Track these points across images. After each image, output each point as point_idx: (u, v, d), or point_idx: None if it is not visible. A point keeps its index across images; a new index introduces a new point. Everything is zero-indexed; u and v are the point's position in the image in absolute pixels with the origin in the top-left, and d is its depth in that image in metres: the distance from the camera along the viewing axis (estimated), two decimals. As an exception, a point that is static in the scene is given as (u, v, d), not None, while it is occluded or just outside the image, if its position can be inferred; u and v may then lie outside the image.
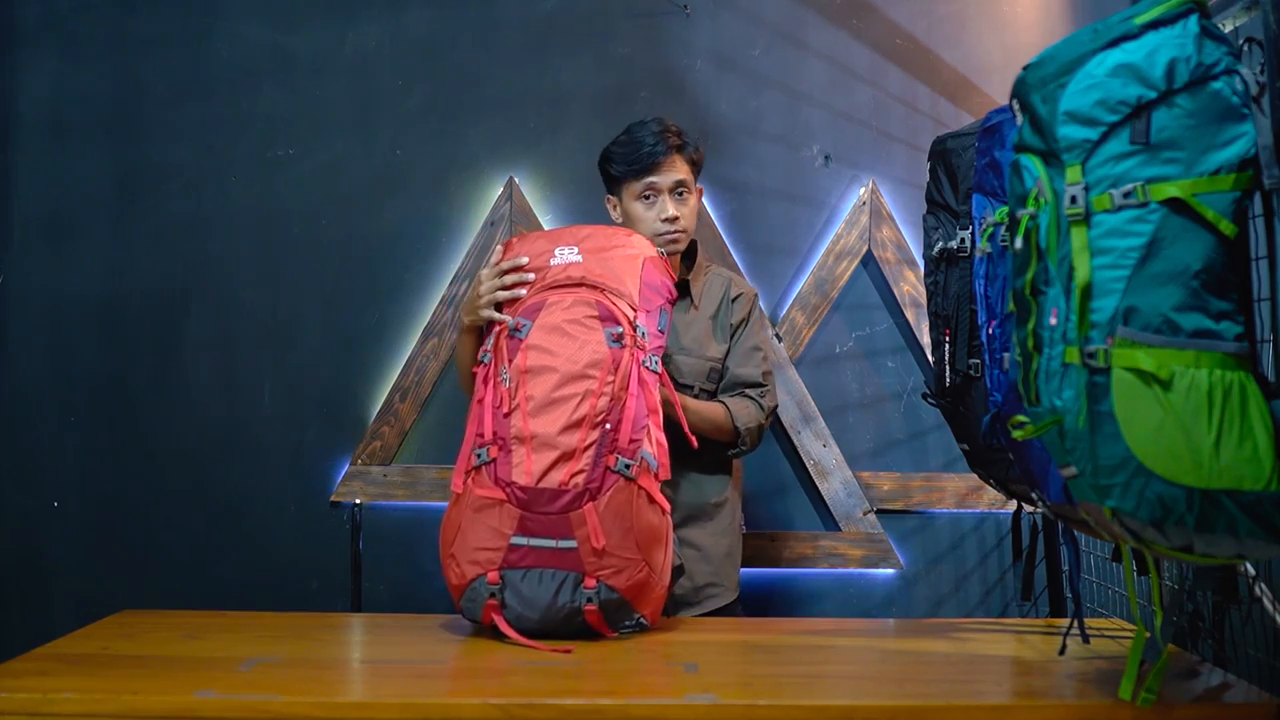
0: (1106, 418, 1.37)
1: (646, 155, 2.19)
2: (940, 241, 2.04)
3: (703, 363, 2.25)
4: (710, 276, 2.33)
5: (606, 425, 1.85)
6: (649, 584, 1.88)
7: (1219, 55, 1.41)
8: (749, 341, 2.28)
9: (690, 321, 2.27)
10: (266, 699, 1.53)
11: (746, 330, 2.29)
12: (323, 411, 2.73)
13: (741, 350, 2.27)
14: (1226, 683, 1.69)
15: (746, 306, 2.30)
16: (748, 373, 2.25)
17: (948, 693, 1.62)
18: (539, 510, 1.83)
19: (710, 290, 2.30)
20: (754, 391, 2.24)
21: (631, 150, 2.21)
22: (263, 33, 2.78)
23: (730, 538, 2.28)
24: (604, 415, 1.86)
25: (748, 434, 2.21)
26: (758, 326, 2.32)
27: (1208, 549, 1.38)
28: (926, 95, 2.80)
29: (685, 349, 2.25)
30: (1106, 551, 2.22)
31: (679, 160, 2.22)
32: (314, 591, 2.70)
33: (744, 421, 2.21)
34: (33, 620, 2.66)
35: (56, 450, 2.71)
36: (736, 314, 2.29)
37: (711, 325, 2.28)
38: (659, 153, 2.19)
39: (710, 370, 2.25)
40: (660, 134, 2.20)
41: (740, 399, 2.24)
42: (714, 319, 2.28)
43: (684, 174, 2.22)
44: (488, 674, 1.75)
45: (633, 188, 2.21)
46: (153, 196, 2.75)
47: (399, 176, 2.77)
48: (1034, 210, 1.46)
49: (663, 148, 2.19)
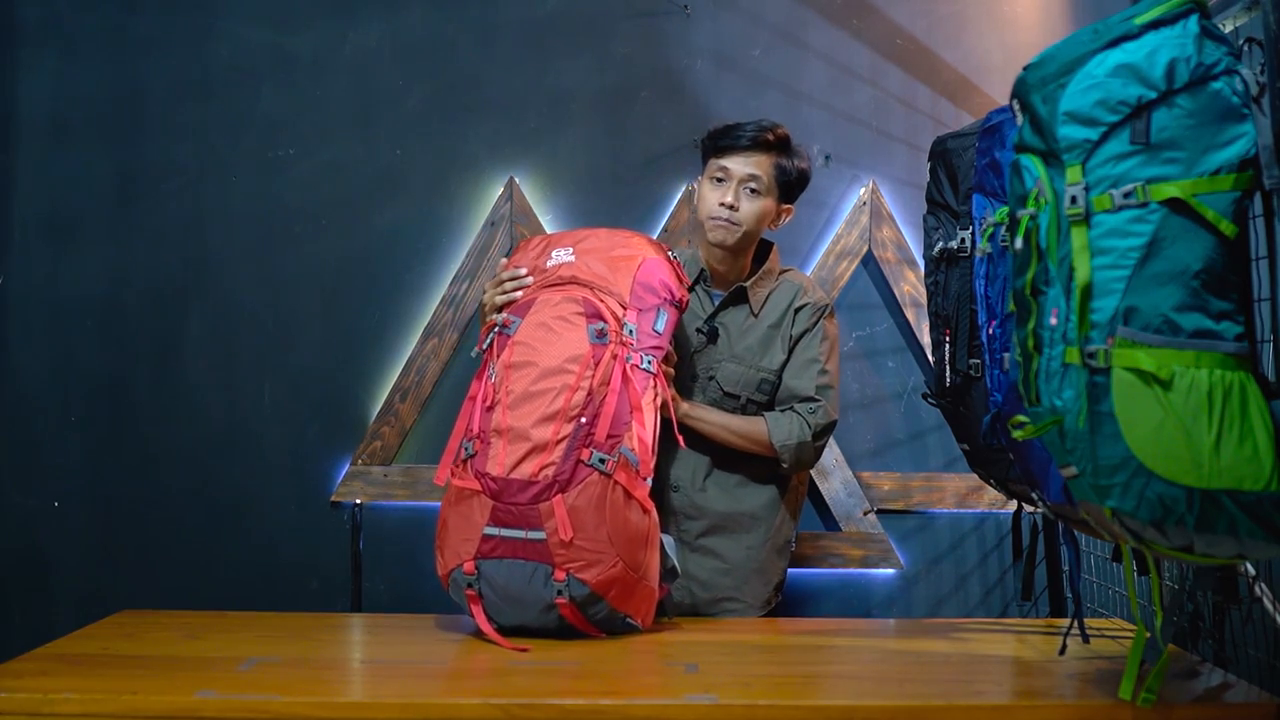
0: (1106, 418, 1.37)
1: (734, 138, 2.17)
2: (940, 241, 2.04)
3: (753, 373, 2.20)
4: (780, 285, 2.27)
5: (582, 419, 1.86)
6: (625, 581, 1.86)
7: (1219, 55, 1.41)
8: (807, 353, 2.22)
9: (747, 329, 2.23)
10: (266, 699, 1.53)
11: (807, 341, 2.22)
12: (323, 411, 2.73)
13: (798, 362, 2.21)
14: (1226, 683, 1.69)
15: (812, 318, 2.23)
16: (801, 385, 2.20)
17: (948, 693, 1.62)
18: (508, 500, 1.84)
19: (776, 299, 2.25)
20: (804, 406, 2.18)
21: (725, 130, 2.18)
22: (263, 33, 2.77)
23: (764, 554, 2.22)
24: (580, 410, 1.86)
25: (784, 450, 2.15)
26: (820, 338, 2.23)
27: (1208, 549, 1.38)
28: (926, 95, 2.80)
29: (737, 357, 2.21)
30: (1106, 551, 2.22)
31: (764, 159, 2.17)
32: (314, 591, 2.70)
33: (781, 439, 2.15)
34: (33, 620, 2.66)
35: (56, 450, 2.71)
36: (800, 324, 2.22)
37: (771, 335, 2.22)
38: (744, 141, 2.16)
39: (761, 381, 2.20)
40: (760, 129, 2.17)
41: (785, 414, 2.18)
42: (775, 328, 2.23)
43: (762, 172, 2.17)
44: (488, 674, 1.75)
45: (710, 166, 2.20)
46: (153, 196, 2.75)
47: (399, 176, 2.77)
48: (1034, 210, 1.46)
49: (749, 139, 2.16)
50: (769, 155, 2.17)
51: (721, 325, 2.23)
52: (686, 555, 2.20)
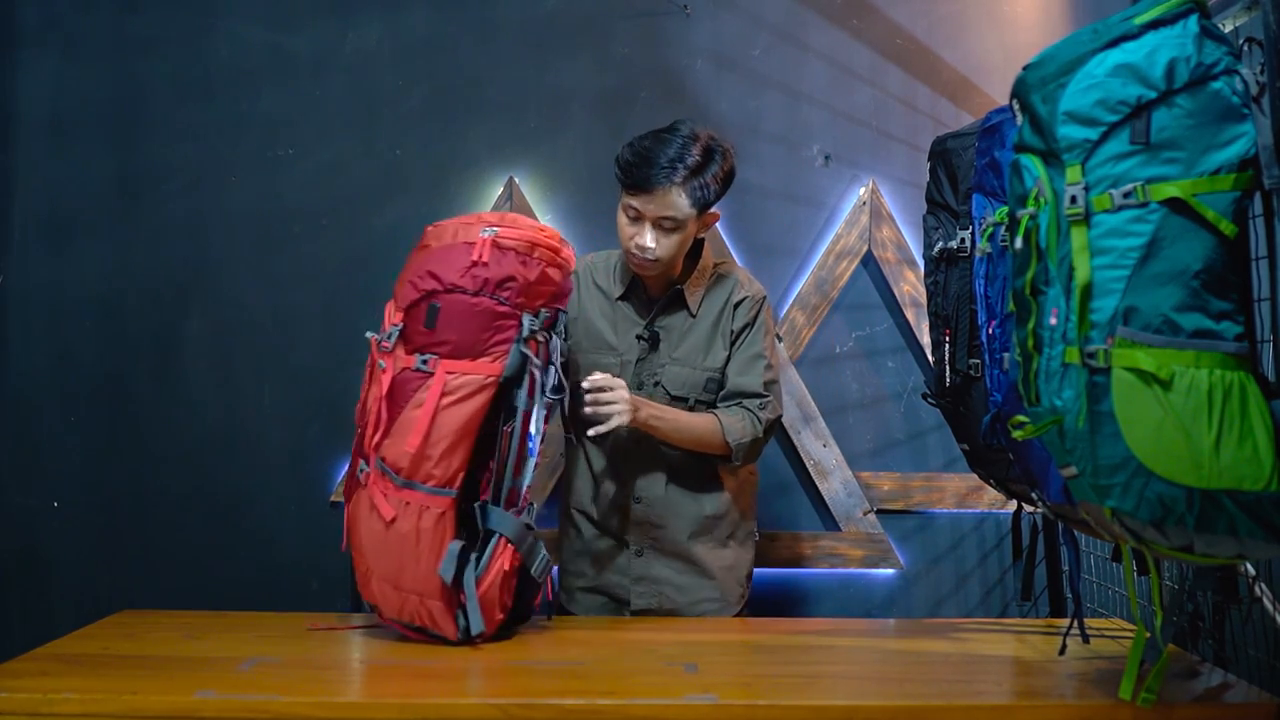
0: (1106, 418, 1.37)
1: (640, 178, 2.07)
2: (940, 241, 2.04)
3: (698, 374, 2.19)
4: (715, 282, 2.24)
5: (358, 428, 1.93)
6: (366, 585, 1.91)
7: (1219, 55, 1.41)
8: (751, 349, 2.20)
9: (687, 331, 2.21)
10: (266, 699, 1.53)
11: (749, 336, 2.21)
12: (323, 411, 2.73)
13: (742, 358, 2.20)
14: (1226, 683, 1.69)
15: (750, 311, 2.21)
16: (747, 382, 2.18)
17: (948, 693, 1.62)
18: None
19: (713, 297, 2.23)
20: (753, 403, 2.17)
21: (634, 164, 2.08)
22: (263, 33, 2.78)
23: (731, 550, 2.24)
24: (358, 418, 1.94)
25: (738, 449, 2.15)
26: (762, 332, 2.22)
27: (1208, 549, 1.38)
28: (926, 95, 2.80)
29: (678, 360, 2.20)
30: (1106, 551, 2.22)
31: (677, 195, 2.07)
32: (314, 591, 2.70)
33: (736, 437, 2.14)
34: (33, 620, 2.66)
35: (56, 450, 2.71)
36: (739, 319, 2.21)
37: (711, 333, 2.21)
38: (654, 181, 2.06)
39: (708, 380, 2.19)
40: (670, 165, 2.06)
41: (735, 410, 2.17)
42: (715, 326, 2.21)
43: (677, 211, 2.08)
44: (487, 674, 1.75)
45: (623, 198, 2.13)
46: (153, 196, 2.75)
47: (399, 176, 2.77)
48: (1034, 210, 1.46)
49: (661, 178, 2.05)
50: (682, 188, 2.07)
51: (662, 329, 2.21)
52: (658, 562, 2.21)
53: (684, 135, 2.10)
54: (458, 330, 1.84)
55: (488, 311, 1.84)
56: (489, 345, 1.85)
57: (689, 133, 2.10)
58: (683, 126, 2.12)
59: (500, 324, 1.85)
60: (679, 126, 2.12)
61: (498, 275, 1.84)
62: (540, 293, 1.88)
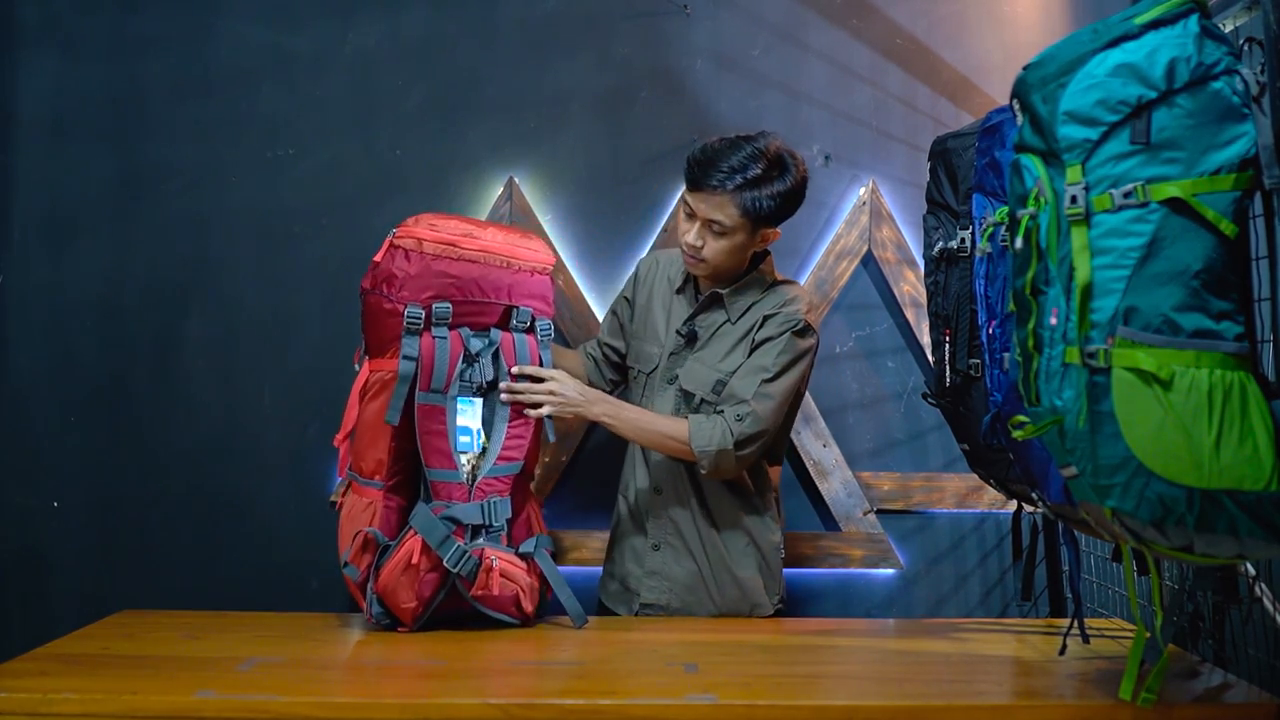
0: (1107, 418, 1.37)
1: (700, 175, 2.09)
2: (940, 241, 2.04)
3: (711, 373, 2.18)
4: (766, 294, 2.21)
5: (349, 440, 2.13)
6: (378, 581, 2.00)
7: (1219, 55, 1.41)
8: (760, 360, 2.15)
9: (722, 334, 2.21)
10: (266, 699, 1.53)
11: (765, 349, 2.15)
12: (322, 411, 2.73)
13: (748, 366, 2.16)
14: (1226, 683, 1.70)
15: (779, 328, 2.15)
16: (741, 387, 2.14)
17: (948, 693, 1.62)
18: None
19: (758, 308, 2.19)
20: (733, 412, 2.11)
21: (698, 161, 2.09)
22: (263, 33, 2.77)
23: (753, 558, 2.23)
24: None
25: (703, 456, 2.10)
26: (779, 351, 2.14)
27: (1208, 549, 1.38)
28: (926, 95, 2.80)
29: (700, 358, 2.20)
30: (1106, 551, 2.22)
31: (727, 200, 2.08)
32: (314, 591, 2.69)
33: (701, 444, 2.10)
34: (33, 620, 2.66)
35: (56, 450, 2.71)
36: (764, 332, 2.17)
37: (740, 340, 2.19)
38: (707, 183, 2.08)
39: (716, 382, 2.17)
40: (729, 171, 2.07)
41: (710, 419, 2.13)
42: (746, 334, 2.19)
43: (724, 215, 2.09)
44: (488, 674, 1.75)
45: (685, 193, 2.15)
46: (153, 196, 2.75)
47: (399, 176, 2.77)
48: (1034, 210, 1.46)
49: (716, 181, 2.07)
50: (734, 195, 2.08)
51: (701, 328, 2.23)
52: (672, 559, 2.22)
53: (756, 146, 2.10)
54: (367, 329, 2.10)
55: (377, 308, 2.06)
56: (390, 341, 2.05)
57: (763, 145, 2.10)
58: (762, 138, 2.12)
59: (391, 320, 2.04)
60: (759, 137, 2.12)
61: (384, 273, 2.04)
62: (420, 285, 2.03)
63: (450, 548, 1.94)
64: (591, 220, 2.72)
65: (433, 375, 2.01)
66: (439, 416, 2.01)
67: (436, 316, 2.02)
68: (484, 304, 2.07)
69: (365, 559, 2.03)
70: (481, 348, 2.06)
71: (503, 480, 2.05)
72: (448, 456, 2.01)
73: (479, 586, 1.96)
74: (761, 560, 2.23)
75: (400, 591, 1.96)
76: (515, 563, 2.01)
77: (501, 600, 2.00)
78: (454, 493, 2.00)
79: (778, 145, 2.13)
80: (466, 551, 1.95)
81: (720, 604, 2.21)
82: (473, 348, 2.05)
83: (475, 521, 2.00)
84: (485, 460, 2.05)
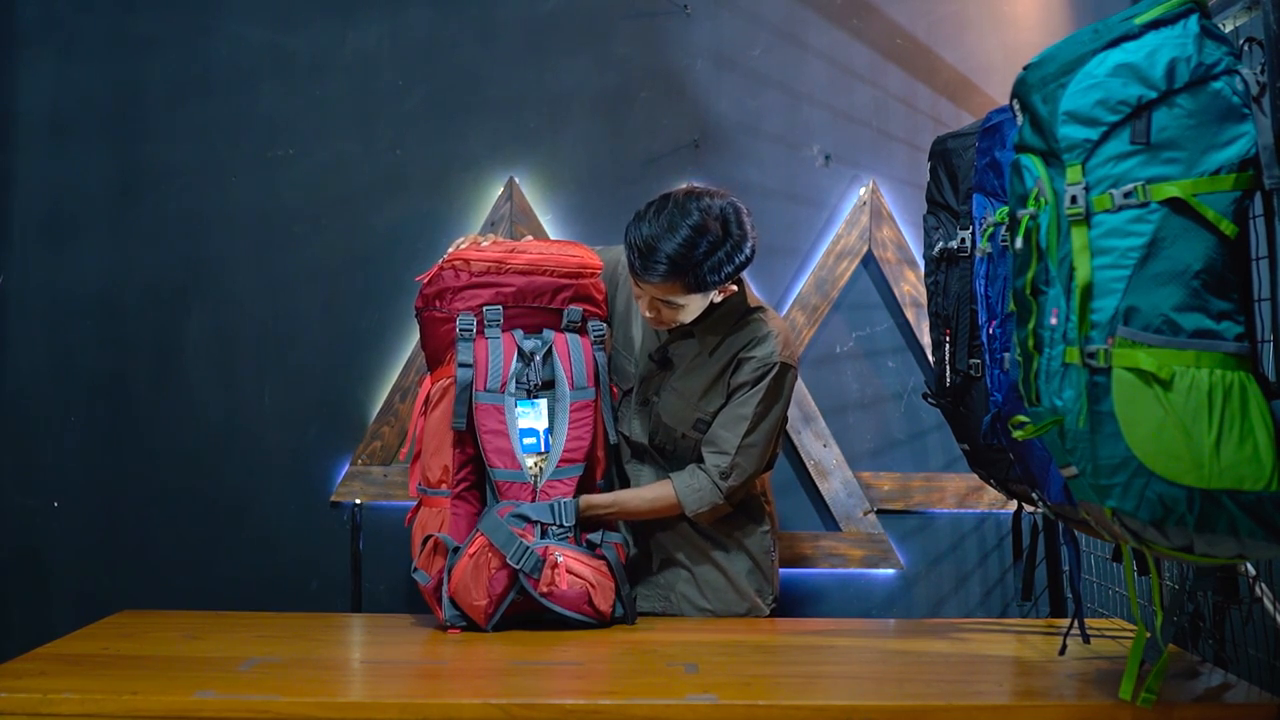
0: (1107, 418, 1.37)
1: (639, 268, 2.02)
2: (940, 241, 2.04)
3: (691, 410, 2.17)
4: (739, 327, 2.16)
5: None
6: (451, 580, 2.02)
7: (1219, 55, 1.41)
8: (741, 409, 2.13)
9: (696, 366, 2.18)
10: (266, 699, 1.53)
11: (744, 396, 2.13)
12: (323, 411, 2.73)
13: (730, 414, 2.14)
14: (1226, 683, 1.70)
15: (754, 373, 2.12)
16: (724, 438, 2.13)
17: (948, 693, 1.62)
18: None
19: (731, 341, 2.15)
20: (715, 467, 2.12)
21: (637, 250, 2.01)
22: (263, 33, 2.77)
23: (745, 563, 2.24)
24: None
25: (699, 514, 2.15)
26: (759, 396, 2.12)
27: (1208, 549, 1.38)
28: (926, 95, 2.80)
29: (678, 390, 2.18)
30: (1107, 551, 2.22)
31: (675, 286, 2.02)
32: (314, 591, 2.69)
33: (694, 506, 2.13)
34: (33, 620, 2.65)
35: (56, 450, 2.71)
36: (740, 376, 2.14)
37: (717, 378, 2.16)
38: (651, 277, 2.01)
39: (698, 420, 2.17)
40: (670, 260, 1.97)
41: (695, 477, 2.14)
42: (721, 373, 2.16)
43: (676, 296, 2.03)
44: (488, 674, 1.75)
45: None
46: (153, 196, 2.75)
47: (399, 176, 2.77)
48: (1034, 210, 1.46)
49: (658, 275, 2.00)
50: (679, 280, 2.01)
51: (676, 355, 2.21)
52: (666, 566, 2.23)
53: (693, 221, 1.99)
54: (425, 344, 2.18)
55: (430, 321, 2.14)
56: (446, 349, 2.12)
57: (699, 219, 1.99)
58: (696, 212, 2.00)
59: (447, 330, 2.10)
60: (691, 210, 2.00)
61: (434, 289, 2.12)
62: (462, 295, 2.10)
63: (513, 544, 1.96)
64: (591, 220, 2.72)
65: (488, 375, 2.05)
66: (498, 415, 2.04)
67: (488, 319, 2.08)
68: (534, 308, 2.12)
69: (436, 563, 2.03)
70: (535, 347, 2.10)
71: (566, 482, 2.07)
72: (510, 456, 2.04)
73: (545, 583, 1.96)
74: (753, 564, 2.24)
75: (472, 590, 1.96)
76: (584, 560, 2.01)
77: (571, 597, 1.99)
78: (520, 493, 2.03)
79: (720, 207, 2.02)
80: (529, 548, 1.96)
81: (715, 609, 2.21)
82: (526, 347, 2.09)
83: (545, 520, 2.01)
84: (549, 462, 2.07)
